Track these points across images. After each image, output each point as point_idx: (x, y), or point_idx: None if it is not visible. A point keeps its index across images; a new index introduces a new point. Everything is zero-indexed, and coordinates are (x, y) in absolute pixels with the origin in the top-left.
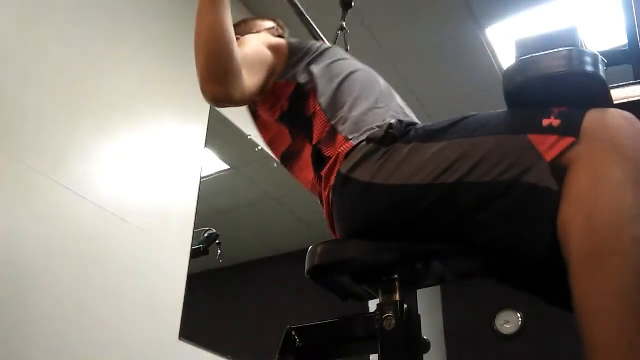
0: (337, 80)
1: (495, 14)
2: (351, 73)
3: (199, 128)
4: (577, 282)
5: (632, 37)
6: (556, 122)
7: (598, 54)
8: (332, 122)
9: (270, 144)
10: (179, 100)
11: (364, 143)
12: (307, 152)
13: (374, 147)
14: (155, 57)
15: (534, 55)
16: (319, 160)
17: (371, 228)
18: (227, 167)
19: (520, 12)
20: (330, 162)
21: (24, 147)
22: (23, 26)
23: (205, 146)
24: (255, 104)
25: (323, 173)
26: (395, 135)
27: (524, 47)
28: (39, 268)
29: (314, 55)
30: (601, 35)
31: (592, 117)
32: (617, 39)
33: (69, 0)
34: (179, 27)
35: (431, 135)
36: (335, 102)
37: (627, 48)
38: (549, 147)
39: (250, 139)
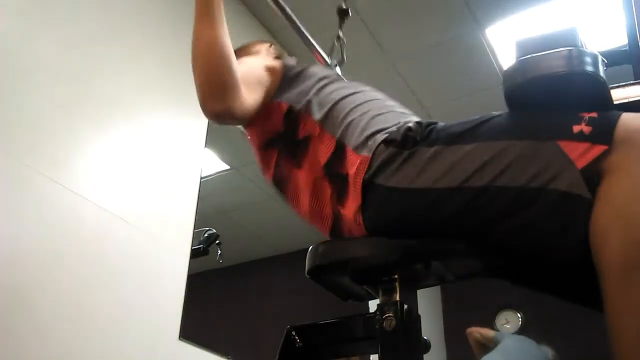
0: (332, 99)
1: (495, 14)
2: (347, 94)
3: (199, 128)
4: (610, 294)
5: (632, 37)
6: (587, 129)
7: (598, 54)
8: (337, 137)
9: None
10: (178, 100)
11: (382, 146)
12: (297, 178)
13: (395, 150)
14: (155, 57)
15: (534, 55)
16: (336, 179)
17: (398, 231)
18: (227, 167)
19: (520, 12)
20: (350, 178)
21: (24, 147)
22: (23, 26)
23: (205, 146)
24: (244, 128)
25: (345, 191)
26: (415, 138)
27: (524, 47)
28: (39, 268)
29: (308, 77)
30: (601, 35)
31: (625, 124)
32: (617, 39)
33: (69, 1)
34: (179, 27)
35: (454, 137)
36: (334, 118)
37: (627, 48)
38: (580, 154)
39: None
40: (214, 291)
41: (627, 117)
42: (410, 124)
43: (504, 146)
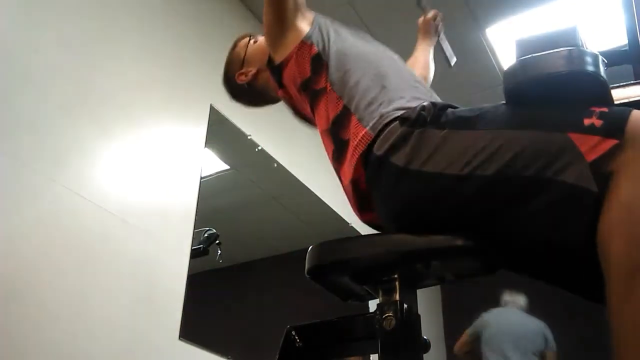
0: (350, 60)
1: (495, 14)
2: (364, 54)
3: (199, 128)
4: (612, 293)
5: (632, 37)
6: (598, 123)
7: (598, 53)
8: (345, 102)
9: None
10: (179, 100)
11: (397, 123)
12: (317, 123)
13: (407, 129)
14: (155, 58)
15: (534, 55)
16: (338, 142)
17: (408, 213)
18: (227, 167)
19: (520, 12)
20: (350, 147)
21: (24, 147)
22: (23, 27)
23: (205, 146)
24: (282, 69)
25: (343, 156)
26: (426, 118)
27: (524, 47)
28: (39, 268)
29: (334, 29)
30: (601, 35)
31: (637, 120)
32: (617, 39)
33: (69, 1)
34: (179, 28)
35: (464, 122)
36: (346, 81)
37: (627, 48)
38: (590, 147)
39: (250, 139)
40: (214, 291)
41: (638, 114)
42: (425, 103)
43: (514, 134)
